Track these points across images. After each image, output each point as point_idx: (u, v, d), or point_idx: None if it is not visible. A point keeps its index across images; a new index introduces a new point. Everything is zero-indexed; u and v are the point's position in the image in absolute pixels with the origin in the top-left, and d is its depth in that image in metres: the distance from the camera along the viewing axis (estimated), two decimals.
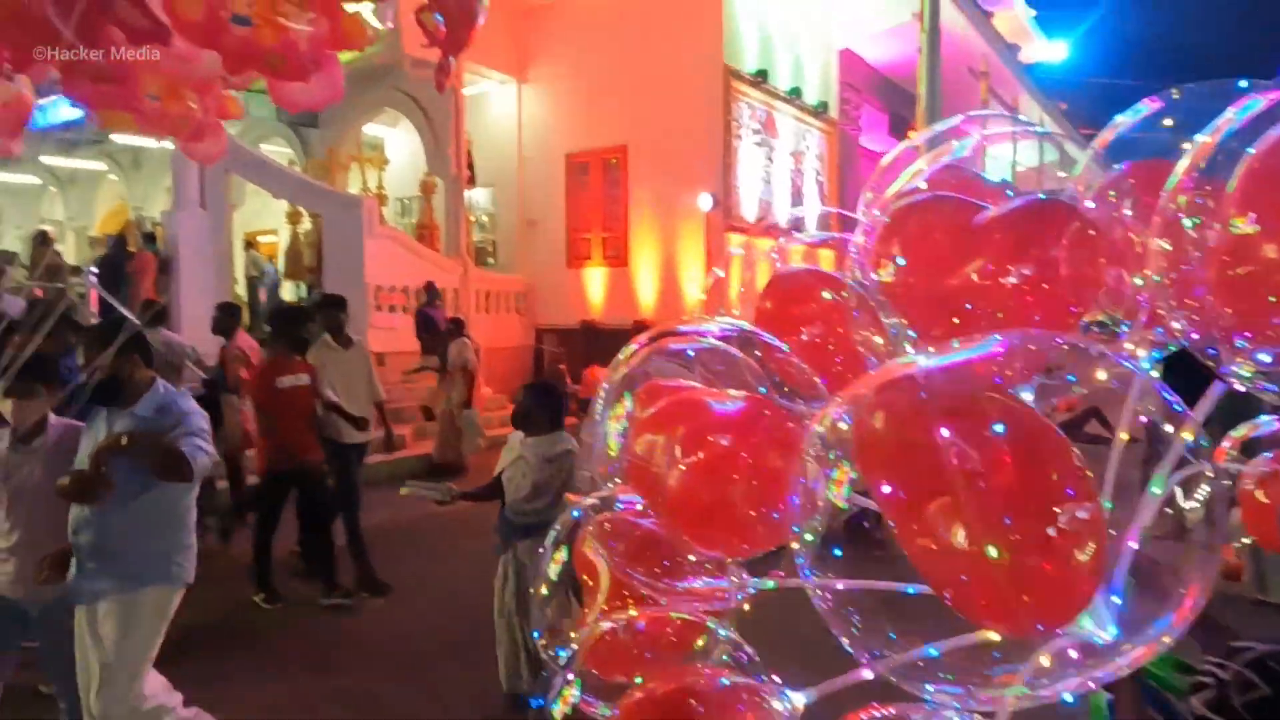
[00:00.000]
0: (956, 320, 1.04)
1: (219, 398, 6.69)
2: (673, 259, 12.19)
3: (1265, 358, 0.83)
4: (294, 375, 5.20)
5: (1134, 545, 0.81)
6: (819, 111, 13.88)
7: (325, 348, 5.64)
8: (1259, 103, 0.94)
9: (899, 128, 16.16)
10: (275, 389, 5.14)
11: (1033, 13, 23.58)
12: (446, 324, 8.71)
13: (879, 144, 18.34)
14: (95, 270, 8.58)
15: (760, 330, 1.23)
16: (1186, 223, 0.90)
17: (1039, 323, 0.98)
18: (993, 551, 0.72)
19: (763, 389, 1.19)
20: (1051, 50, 24.63)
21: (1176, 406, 0.86)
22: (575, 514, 1.45)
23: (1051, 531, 0.73)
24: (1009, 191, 1.49)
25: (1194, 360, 0.93)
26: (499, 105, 13.79)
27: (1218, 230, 0.84)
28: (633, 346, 1.25)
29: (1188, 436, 0.84)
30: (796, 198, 13.52)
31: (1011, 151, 18.88)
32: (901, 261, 1.12)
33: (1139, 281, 1.00)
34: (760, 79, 12.27)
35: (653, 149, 12.16)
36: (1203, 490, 0.85)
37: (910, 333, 1.10)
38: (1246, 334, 0.84)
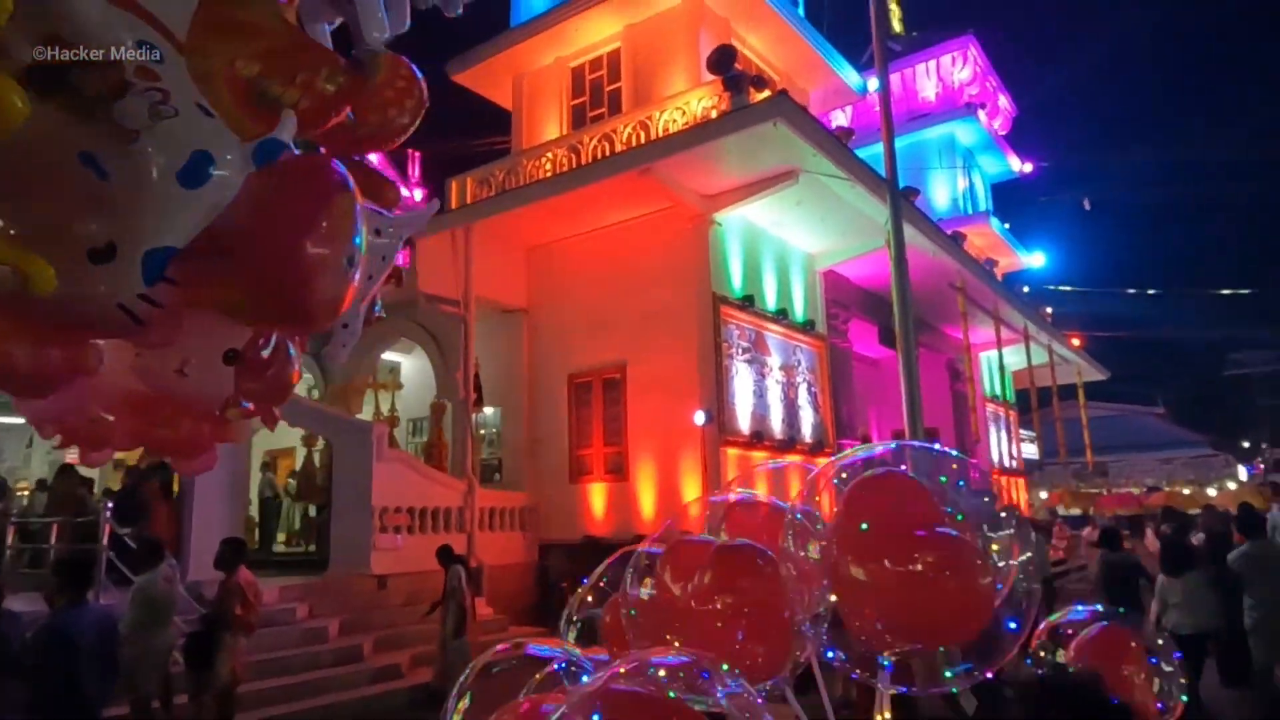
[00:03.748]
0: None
1: (215, 634, 6.83)
2: (671, 473, 12.52)
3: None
4: None
5: None
6: (806, 329, 14.74)
7: None
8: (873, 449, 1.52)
9: (888, 338, 16.99)
10: None
11: (1006, 225, 25.42)
12: (440, 551, 8.91)
13: (872, 351, 19.21)
14: (110, 505, 8.97)
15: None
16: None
17: (743, 640, 1.50)
18: None
19: None
20: (1030, 259, 26.29)
21: None
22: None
23: None
24: (797, 514, 1.95)
25: None
26: (507, 331, 14.79)
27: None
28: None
29: None
30: (791, 409, 14.04)
31: (998, 356, 19.65)
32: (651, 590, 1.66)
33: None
34: (748, 303, 13.20)
35: (650, 369, 12.88)
36: None
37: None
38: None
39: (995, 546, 1.73)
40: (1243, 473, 37.55)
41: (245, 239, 1.61)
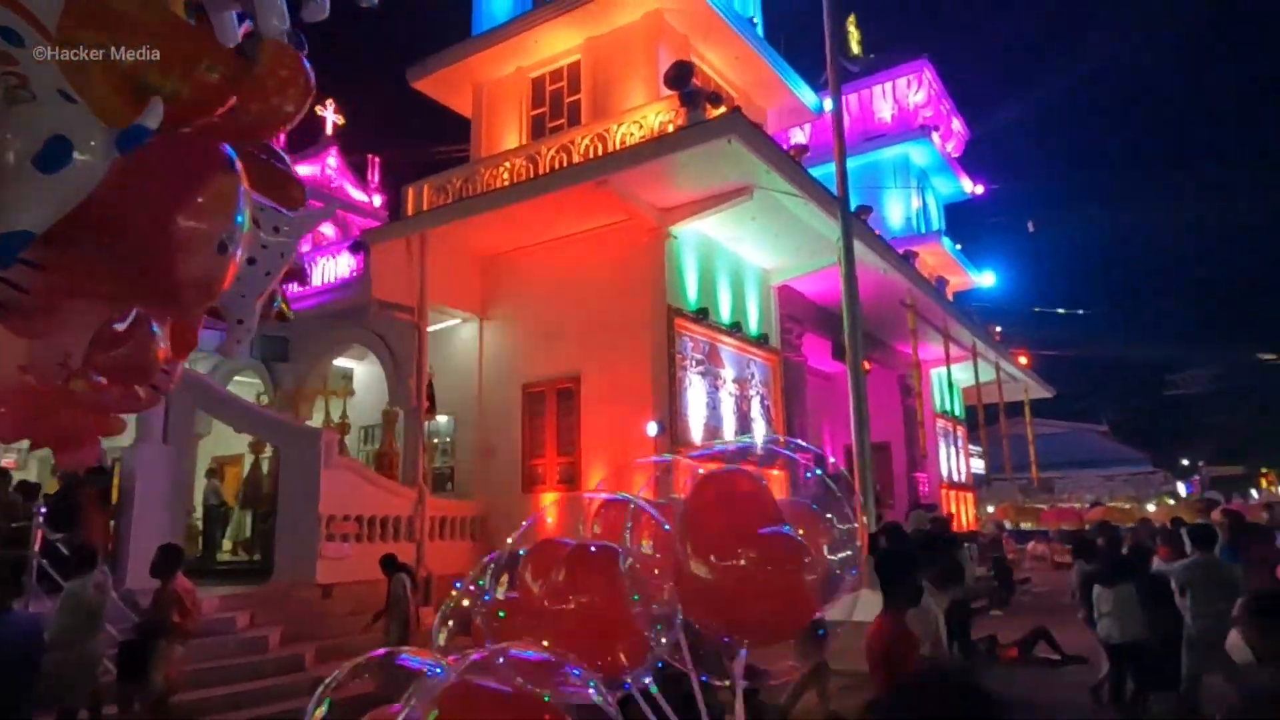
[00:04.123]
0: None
1: (150, 643, 6.69)
2: (624, 484, 12.52)
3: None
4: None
5: None
6: (760, 342, 14.93)
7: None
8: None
9: (841, 352, 17.25)
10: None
11: (958, 245, 26.04)
12: (384, 560, 8.83)
13: (825, 365, 19.51)
14: (44, 510, 8.73)
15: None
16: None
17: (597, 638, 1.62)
18: None
19: None
20: (980, 279, 26.96)
21: None
22: None
23: None
24: (640, 506, 2.07)
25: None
26: (462, 339, 14.73)
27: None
28: None
29: None
30: (743, 421, 14.19)
31: (947, 373, 20.09)
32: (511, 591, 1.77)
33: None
34: (702, 315, 13.32)
35: (603, 380, 12.92)
36: None
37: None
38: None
39: (826, 543, 1.83)
40: (1182, 489, 38.76)
41: (117, 212, 1.59)
